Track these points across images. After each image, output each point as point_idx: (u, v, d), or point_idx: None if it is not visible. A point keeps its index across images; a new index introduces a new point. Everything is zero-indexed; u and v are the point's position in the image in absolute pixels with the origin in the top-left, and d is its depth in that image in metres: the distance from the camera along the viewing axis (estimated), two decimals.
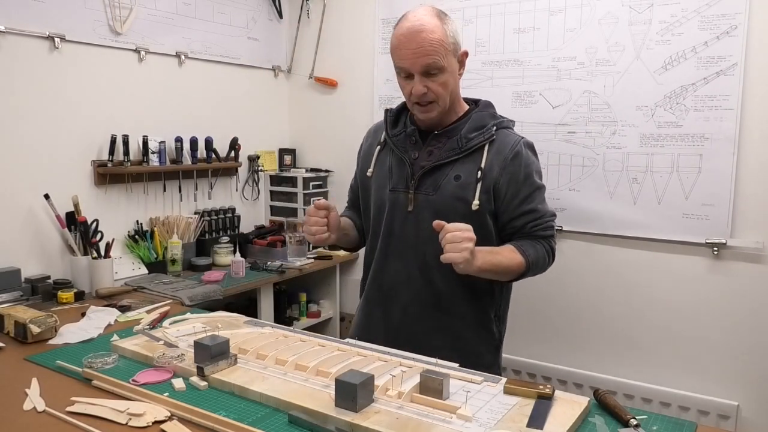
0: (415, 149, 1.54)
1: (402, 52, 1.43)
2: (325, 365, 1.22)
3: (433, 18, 1.43)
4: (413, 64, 1.42)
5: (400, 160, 1.54)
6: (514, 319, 2.57)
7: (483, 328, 1.55)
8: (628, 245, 2.32)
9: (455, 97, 1.52)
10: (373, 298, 1.61)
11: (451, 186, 1.47)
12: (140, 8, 2.42)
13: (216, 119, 2.78)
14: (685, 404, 2.21)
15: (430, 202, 1.48)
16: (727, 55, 2.06)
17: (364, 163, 1.65)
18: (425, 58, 1.40)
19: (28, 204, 2.11)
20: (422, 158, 1.52)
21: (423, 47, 1.40)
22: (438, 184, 1.48)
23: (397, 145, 1.56)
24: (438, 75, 1.43)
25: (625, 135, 2.26)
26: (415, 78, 1.43)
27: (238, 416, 1.08)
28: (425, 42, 1.40)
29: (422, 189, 1.49)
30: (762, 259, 2.08)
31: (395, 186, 1.54)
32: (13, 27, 2.02)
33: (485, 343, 1.56)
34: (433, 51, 1.40)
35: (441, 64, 1.42)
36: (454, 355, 1.36)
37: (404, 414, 1.05)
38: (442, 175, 1.49)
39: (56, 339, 1.53)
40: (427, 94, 1.44)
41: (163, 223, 2.51)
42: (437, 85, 1.44)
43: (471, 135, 1.48)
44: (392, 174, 1.55)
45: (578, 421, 1.07)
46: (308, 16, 3.08)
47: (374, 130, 1.69)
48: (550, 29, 2.38)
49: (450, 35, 1.43)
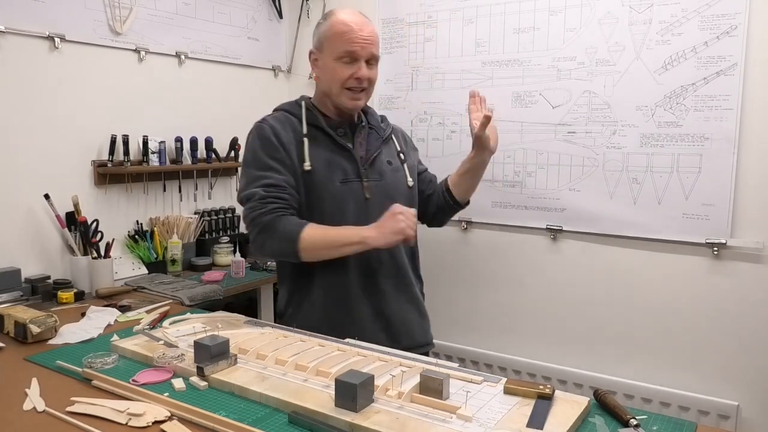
0: (346, 140, 1.62)
1: (354, 36, 1.54)
2: (325, 365, 1.23)
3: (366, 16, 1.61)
4: (363, 49, 1.55)
5: (338, 151, 1.59)
6: (514, 319, 2.59)
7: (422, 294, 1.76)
8: (628, 245, 2.32)
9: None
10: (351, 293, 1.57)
11: (389, 171, 1.65)
12: (140, 8, 2.42)
13: (216, 119, 2.78)
14: (685, 404, 2.21)
15: (380, 188, 1.61)
16: (727, 55, 2.06)
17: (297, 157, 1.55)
18: (373, 47, 1.57)
19: (28, 204, 2.11)
20: (357, 148, 1.62)
21: (372, 36, 1.57)
22: (381, 171, 1.63)
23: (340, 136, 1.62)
24: (374, 66, 1.60)
25: (625, 135, 2.26)
26: (362, 63, 1.55)
27: (238, 416, 1.08)
28: (373, 33, 1.58)
29: (371, 177, 1.61)
30: (762, 259, 2.08)
31: (345, 177, 1.58)
32: (13, 27, 2.02)
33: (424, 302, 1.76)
34: (376, 43, 1.58)
35: (378, 56, 1.60)
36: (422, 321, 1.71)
37: (404, 414, 1.05)
38: (379, 162, 1.64)
39: (56, 339, 1.53)
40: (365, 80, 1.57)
41: (163, 223, 2.51)
42: (373, 75, 1.60)
43: (383, 125, 1.71)
44: (336, 166, 1.57)
45: (578, 421, 1.07)
46: (308, 16, 3.08)
47: (280, 123, 1.59)
48: (550, 29, 2.38)
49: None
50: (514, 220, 2.54)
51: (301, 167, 1.55)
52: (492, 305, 2.65)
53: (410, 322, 1.66)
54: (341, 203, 1.56)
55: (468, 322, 2.71)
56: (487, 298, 2.65)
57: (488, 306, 2.66)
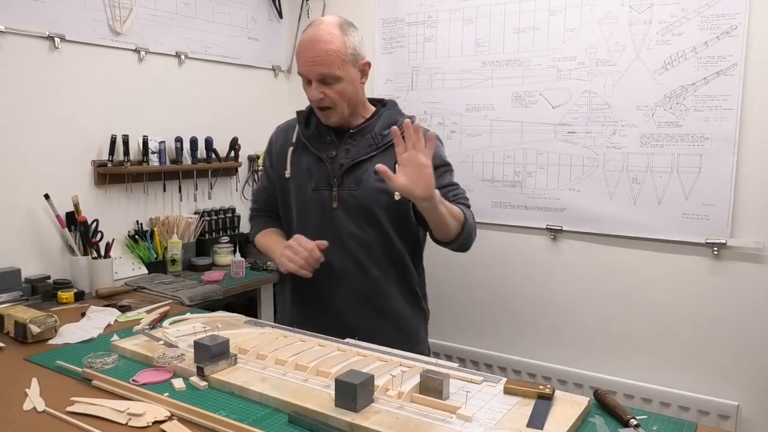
0: (331, 148, 1.59)
1: (301, 59, 1.52)
2: (325, 365, 1.22)
3: (334, 29, 1.50)
4: (309, 71, 1.51)
5: (318, 160, 1.59)
6: (514, 319, 2.59)
7: (415, 306, 1.66)
8: (628, 245, 2.32)
9: (357, 103, 1.59)
10: (308, 297, 1.62)
11: (372, 180, 1.53)
12: (140, 8, 2.42)
13: (216, 119, 2.78)
14: (685, 404, 2.21)
15: (354, 197, 1.55)
16: (727, 55, 2.06)
17: (280, 164, 1.66)
18: (320, 68, 1.48)
19: (28, 204, 2.11)
20: (340, 156, 1.58)
21: (319, 56, 1.48)
22: (360, 180, 1.55)
23: (313, 145, 1.60)
24: (334, 83, 1.51)
25: (625, 135, 2.26)
26: (313, 84, 1.51)
27: (238, 416, 1.08)
28: (321, 52, 1.48)
29: (345, 186, 1.55)
30: (762, 259, 2.08)
31: (317, 185, 1.58)
32: (13, 27, 2.03)
33: (418, 320, 1.67)
34: (329, 61, 1.48)
35: (336, 74, 1.49)
36: (397, 335, 1.55)
37: (404, 414, 1.05)
38: (363, 170, 1.55)
39: (56, 339, 1.53)
40: (324, 99, 1.52)
41: (163, 223, 2.51)
42: (334, 93, 1.51)
43: (384, 132, 1.57)
44: (311, 173, 1.59)
45: (578, 421, 1.07)
46: (308, 16, 3.08)
47: (283, 129, 1.71)
48: (550, 29, 2.38)
49: (350, 47, 1.51)
50: (514, 220, 2.54)
51: (281, 175, 1.64)
52: (492, 305, 2.65)
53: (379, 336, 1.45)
54: (308, 210, 1.59)
55: (468, 321, 2.71)
56: (487, 298, 2.65)
57: (488, 306, 2.66)
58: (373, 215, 1.54)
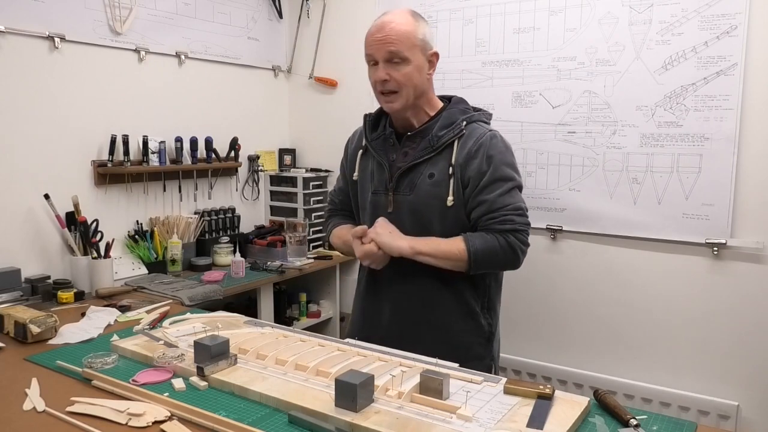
0: (392, 151, 1.58)
1: (369, 39, 1.51)
2: (325, 365, 1.23)
3: (406, 15, 1.51)
4: (378, 50, 1.49)
5: (379, 164, 1.59)
6: (514, 319, 2.59)
7: (471, 320, 1.57)
8: (628, 245, 2.32)
9: (422, 93, 1.55)
10: (365, 297, 1.67)
11: (425, 185, 1.52)
12: (140, 8, 2.42)
13: (216, 119, 2.78)
14: (685, 404, 2.21)
15: (407, 202, 1.53)
16: (727, 55, 2.06)
17: (351, 166, 1.69)
18: (389, 45, 1.47)
19: (28, 204, 2.11)
20: (399, 160, 1.57)
21: (389, 36, 1.47)
22: (414, 184, 1.53)
23: (376, 149, 1.60)
24: (401, 65, 1.48)
25: (625, 135, 2.26)
26: (379, 65, 1.49)
27: (238, 416, 1.08)
28: (392, 31, 1.47)
29: (400, 190, 1.55)
30: (762, 259, 2.08)
31: (376, 189, 1.59)
32: (13, 27, 2.02)
33: (474, 335, 1.58)
34: (397, 40, 1.47)
35: (404, 54, 1.47)
36: (444, 347, 1.42)
37: (404, 414, 1.05)
38: (418, 174, 1.53)
39: (56, 339, 1.53)
40: (389, 82, 1.49)
41: (163, 223, 2.51)
42: (400, 75, 1.48)
43: (441, 133, 1.52)
44: (373, 177, 1.61)
45: (578, 421, 1.07)
46: (308, 16, 3.08)
47: (358, 133, 1.72)
48: (550, 29, 2.38)
49: (420, 32, 1.50)
50: None
51: (352, 177, 1.68)
52: None
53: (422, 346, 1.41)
54: (369, 214, 1.61)
55: None
56: None
57: None
58: (425, 220, 1.52)
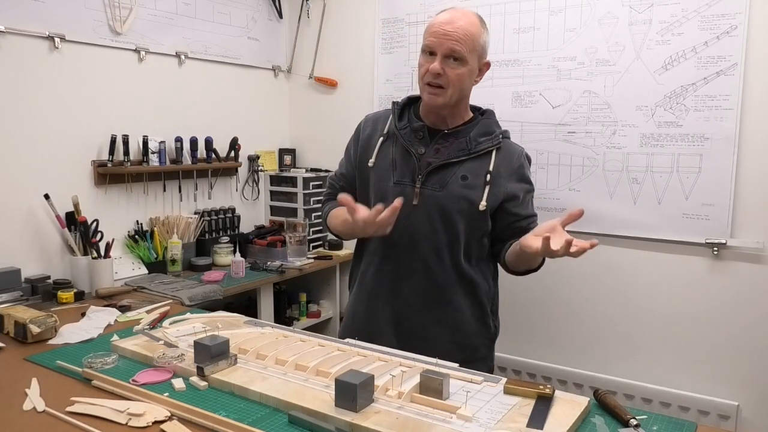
0: (421, 145, 1.56)
1: (435, 29, 1.49)
2: (325, 365, 1.23)
3: (474, 17, 1.52)
4: (441, 44, 1.47)
5: (406, 154, 1.57)
6: (514, 319, 2.59)
7: (481, 322, 1.60)
8: (628, 245, 2.31)
9: (464, 97, 1.57)
10: (374, 291, 1.62)
11: (457, 185, 1.52)
12: (140, 8, 2.42)
13: (216, 119, 2.78)
14: (685, 404, 2.21)
15: (436, 198, 1.53)
16: (727, 55, 2.06)
17: (365, 152, 1.65)
18: (455, 43, 1.46)
19: (28, 204, 2.11)
20: (429, 154, 1.55)
21: (456, 33, 1.46)
22: (445, 182, 1.53)
23: (405, 138, 1.58)
24: (458, 65, 1.49)
25: (625, 135, 2.26)
26: (438, 57, 1.48)
27: (238, 416, 1.08)
28: (460, 29, 1.47)
29: (428, 185, 1.53)
30: (762, 259, 2.08)
31: (400, 179, 1.56)
32: (13, 27, 2.02)
33: (482, 337, 1.61)
34: (464, 40, 1.47)
35: (464, 55, 1.48)
36: (452, 348, 1.49)
37: (404, 414, 1.05)
38: (449, 173, 1.53)
39: (56, 339, 1.53)
40: (442, 76, 1.48)
41: (163, 223, 2.51)
42: (453, 74, 1.49)
43: (480, 139, 1.55)
44: (396, 166, 1.57)
45: (578, 421, 1.07)
46: (308, 16, 3.08)
47: (373, 119, 1.69)
48: (550, 29, 2.38)
49: (482, 39, 1.52)
50: None
51: (364, 162, 1.63)
52: None
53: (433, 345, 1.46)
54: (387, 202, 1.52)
55: None
56: None
57: None
58: (450, 219, 1.52)
